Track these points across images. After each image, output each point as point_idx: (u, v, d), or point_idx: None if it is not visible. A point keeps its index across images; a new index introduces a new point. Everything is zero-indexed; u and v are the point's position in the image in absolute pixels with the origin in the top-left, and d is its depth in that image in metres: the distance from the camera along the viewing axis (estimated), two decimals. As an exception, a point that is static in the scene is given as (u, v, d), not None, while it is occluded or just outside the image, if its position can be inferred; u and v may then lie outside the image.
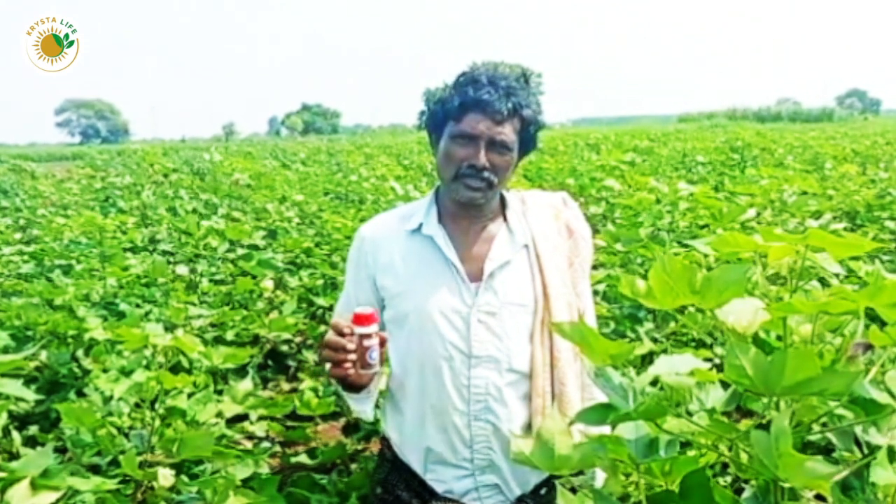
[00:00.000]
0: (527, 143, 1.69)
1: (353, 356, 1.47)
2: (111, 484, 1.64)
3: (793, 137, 14.89)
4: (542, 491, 1.69)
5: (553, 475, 0.97)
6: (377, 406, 1.82)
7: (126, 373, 2.26)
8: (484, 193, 1.64)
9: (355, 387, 1.62)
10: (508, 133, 1.62)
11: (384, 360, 1.53)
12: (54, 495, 1.42)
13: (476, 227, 1.71)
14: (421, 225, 1.70)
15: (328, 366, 1.52)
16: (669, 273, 0.75)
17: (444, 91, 1.68)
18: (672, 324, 2.96)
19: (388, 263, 1.70)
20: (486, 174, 1.61)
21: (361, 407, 1.72)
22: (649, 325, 3.01)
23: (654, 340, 2.90)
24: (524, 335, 1.65)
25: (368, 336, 1.46)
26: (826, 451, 0.93)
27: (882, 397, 0.71)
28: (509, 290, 1.65)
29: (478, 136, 1.60)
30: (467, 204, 1.67)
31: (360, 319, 1.46)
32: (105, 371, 2.42)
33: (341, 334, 1.48)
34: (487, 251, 1.67)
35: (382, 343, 1.51)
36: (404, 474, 1.72)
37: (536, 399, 1.64)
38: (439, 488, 1.67)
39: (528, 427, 1.64)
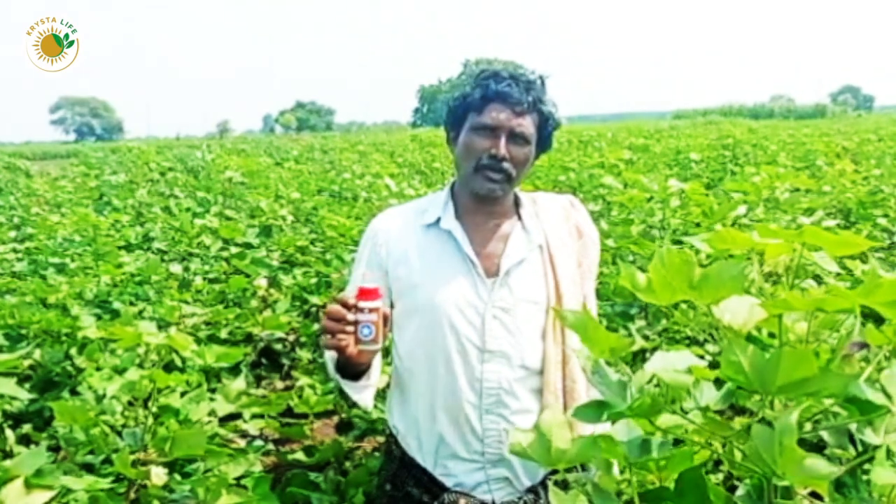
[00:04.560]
0: (544, 140, 1.73)
1: (350, 328, 1.46)
2: (104, 483, 1.63)
3: (786, 134, 14.92)
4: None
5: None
6: (380, 397, 1.80)
7: (119, 371, 2.25)
8: (502, 185, 1.67)
9: (352, 366, 1.60)
10: (528, 126, 1.66)
11: (383, 339, 1.49)
12: (48, 494, 1.42)
13: (492, 223, 1.73)
14: (439, 219, 1.71)
15: (323, 337, 1.50)
16: (668, 268, 0.75)
17: (443, 86, 1.69)
18: (663, 321, 2.96)
19: (402, 255, 1.71)
20: (505, 165, 1.64)
21: (360, 395, 1.70)
22: (641, 323, 3.01)
23: (646, 338, 2.90)
24: (537, 332, 1.67)
25: (369, 311, 1.45)
26: (817, 447, 0.93)
27: (877, 397, 0.71)
28: (524, 287, 1.67)
29: (499, 127, 1.64)
30: (486, 196, 1.69)
31: (363, 293, 1.46)
32: (98, 369, 2.42)
33: (346, 307, 1.47)
34: (503, 249, 1.69)
35: (385, 321, 1.49)
36: (413, 470, 1.72)
37: (548, 395, 1.65)
38: (449, 482, 1.67)
39: None
